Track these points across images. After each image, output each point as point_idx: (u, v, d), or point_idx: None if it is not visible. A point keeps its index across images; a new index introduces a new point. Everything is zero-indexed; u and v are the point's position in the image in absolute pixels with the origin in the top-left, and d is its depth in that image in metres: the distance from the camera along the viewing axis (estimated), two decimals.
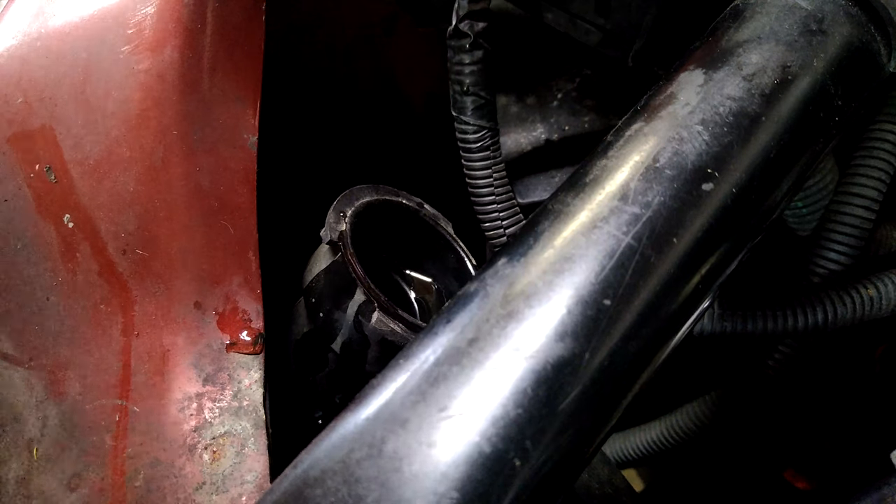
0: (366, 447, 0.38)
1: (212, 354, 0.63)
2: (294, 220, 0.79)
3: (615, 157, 0.47)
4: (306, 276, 0.73)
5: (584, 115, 1.07)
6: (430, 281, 0.83)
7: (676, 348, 0.47)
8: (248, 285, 0.66)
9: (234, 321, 0.65)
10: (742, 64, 0.51)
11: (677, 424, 0.97)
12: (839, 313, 0.69)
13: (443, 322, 0.42)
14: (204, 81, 0.65)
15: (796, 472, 1.06)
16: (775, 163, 0.49)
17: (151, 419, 0.60)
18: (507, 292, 0.41)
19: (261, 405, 0.63)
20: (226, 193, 0.66)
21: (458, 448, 0.36)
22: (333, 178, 0.85)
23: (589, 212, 0.44)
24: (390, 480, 0.36)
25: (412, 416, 0.38)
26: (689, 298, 0.45)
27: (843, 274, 0.72)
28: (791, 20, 0.53)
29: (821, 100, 0.51)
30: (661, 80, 0.54)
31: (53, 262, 0.61)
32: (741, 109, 0.48)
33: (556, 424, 0.38)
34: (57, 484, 0.57)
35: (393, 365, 0.42)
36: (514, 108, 1.10)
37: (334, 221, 0.70)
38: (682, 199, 0.44)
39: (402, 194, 0.80)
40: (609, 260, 0.42)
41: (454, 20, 0.70)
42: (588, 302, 0.41)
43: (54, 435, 0.58)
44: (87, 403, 0.59)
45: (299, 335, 0.72)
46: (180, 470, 0.59)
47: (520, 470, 0.37)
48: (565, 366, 0.39)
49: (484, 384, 0.38)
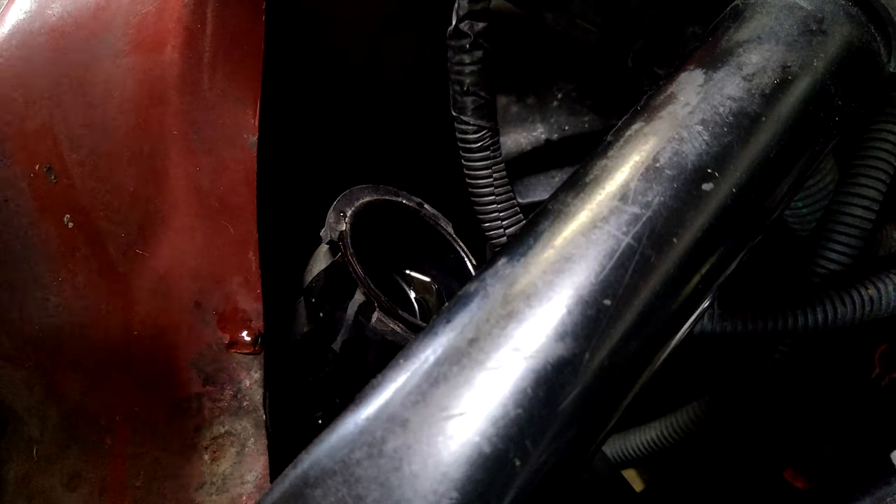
0: (366, 447, 0.38)
1: (212, 354, 0.63)
2: (294, 220, 0.79)
3: (615, 157, 0.47)
4: (306, 276, 0.73)
5: (584, 115, 1.06)
6: (430, 281, 0.83)
7: (676, 348, 0.47)
8: (248, 285, 0.66)
9: (234, 321, 0.65)
10: (742, 64, 0.51)
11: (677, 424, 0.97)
12: (839, 313, 0.69)
13: (443, 322, 0.42)
14: (204, 81, 0.65)
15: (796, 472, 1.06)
16: (775, 163, 0.49)
17: (151, 419, 0.60)
18: (507, 292, 0.41)
19: (261, 405, 0.63)
20: (226, 193, 0.66)
21: (459, 448, 0.36)
22: (333, 178, 0.85)
23: (589, 212, 0.44)
24: (390, 480, 0.36)
25: (412, 416, 0.38)
26: (690, 298, 0.45)
27: (843, 274, 0.72)
28: (791, 20, 0.53)
29: (821, 100, 0.51)
30: (661, 80, 0.54)
31: (53, 263, 0.61)
32: (741, 109, 0.48)
33: (557, 424, 0.38)
34: (57, 484, 0.57)
35: (393, 365, 0.42)
36: (514, 108, 1.10)
37: (334, 221, 0.70)
38: (682, 199, 0.44)
39: (402, 194, 0.80)
40: (609, 260, 0.42)
41: (454, 20, 0.70)
42: (588, 302, 0.41)
43: (54, 435, 0.58)
44: (88, 403, 0.59)
45: (299, 335, 0.72)
46: (180, 470, 0.59)
47: (520, 470, 0.37)
48: (565, 366, 0.39)
49: (484, 384, 0.38)
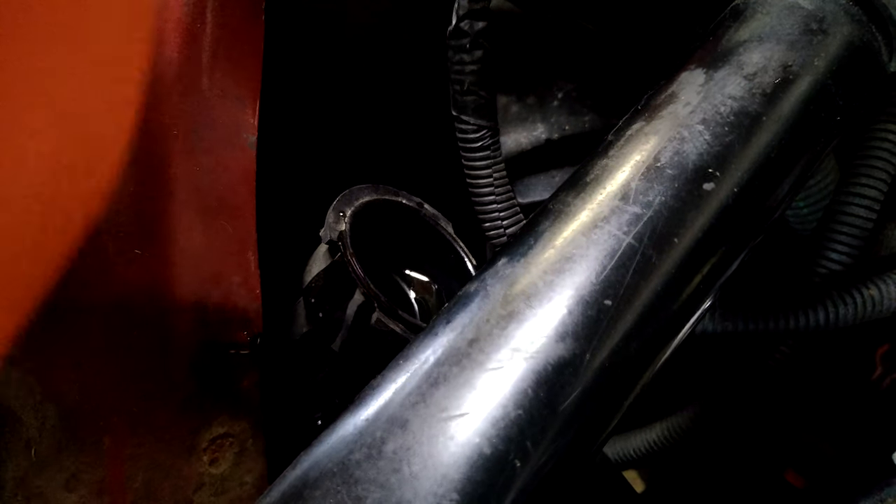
0: (365, 448, 0.37)
1: (211, 355, 0.63)
2: (294, 220, 0.79)
3: (616, 157, 0.47)
4: (306, 276, 0.73)
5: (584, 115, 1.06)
6: (430, 281, 0.83)
7: (677, 348, 0.46)
8: (247, 285, 0.66)
9: (234, 321, 0.65)
10: (743, 63, 0.50)
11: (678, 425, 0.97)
12: (840, 313, 0.69)
13: (443, 322, 0.42)
14: (204, 81, 0.65)
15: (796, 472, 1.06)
16: (776, 162, 0.48)
17: (150, 420, 0.60)
18: (507, 292, 0.41)
19: (259, 406, 0.63)
20: (225, 193, 0.66)
21: (459, 449, 0.36)
22: (333, 178, 0.84)
23: (590, 211, 0.44)
24: (390, 482, 0.36)
25: (412, 417, 0.38)
26: (691, 298, 0.45)
27: (844, 274, 0.72)
28: (792, 20, 0.53)
29: (822, 99, 0.51)
30: (661, 80, 0.54)
31: None
32: (742, 109, 0.48)
33: (557, 425, 0.38)
34: (56, 485, 0.57)
35: (393, 366, 0.42)
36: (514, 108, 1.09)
37: (334, 221, 0.70)
38: (683, 199, 0.44)
39: (402, 194, 0.80)
40: (610, 260, 0.42)
41: (454, 20, 0.70)
42: (589, 302, 0.40)
43: (53, 435, 0.58)
44: (87, 404, 0.59)
45: (299, 335, 0.72)
46: (179, 471, 0.59)
47: (520, 471, 0.37)
48: (566, 366, 0.39)
49: (484, 385, 0.38)
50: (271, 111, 0.73)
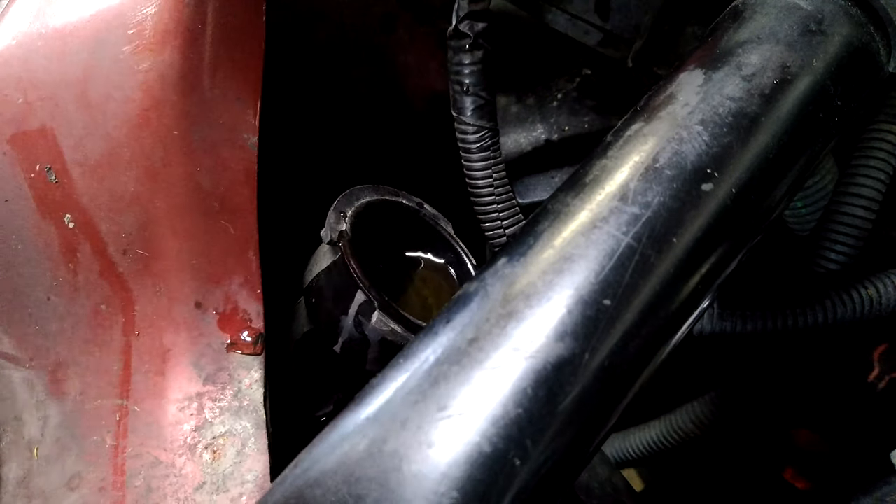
0: (366, 447, 0.38)
1: (212, 354, 0.63)
2: (294, 220, 0.79)
3: (615, 158, 0.47)
4: (307, 276, 0.73)
5: (584, 115, 1.07)
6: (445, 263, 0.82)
7: (676, 348, 0.47)
8: (248, 285, 0.66)
9: (235, 321, 0.65)
10: (742, 64, 0.51)
11: (677, 424, 0.97)
12: (839, 313, 0.70)
13: (443, 322, 0.42)
14: (204, 82, 0.65)
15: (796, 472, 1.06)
16: (775, 163, 0.49)
17: (152, 419, 0.60)
18: (507, 292, 0.41)
19: (261, 405, 0.63)
20: (226, 193, 0.66)
21: (458, 448, 0.36)
22: (333, 178, 0.85)
23: (589, 212, 0.44)
24: (390, 480, 0.36)
25: (412, 415, 0.38)
26: (689, 298, 0.45)
27: (842, 274, 0.72)
28: (791, 20, 0.53)
29: (820, 100, 0.51)
30: (661, 80, 0.54)
31: (54, 262, 0.61)
32: (741, 110, 0.48)
33: (557, 424, 0.38)
34: (57, 484, 0.57)
35: (393, 364, 0.42)
36: (514, 108, 1.10)
37: (334, 221, 0.70)
38: (681, 200, 0.44)
39: (402, 194, 0.80)
40: (609, 260, 0.42)
41: (454, 20, 0.70)
42: (588, 302, 0.41)
43: (55, 435, 0.58)
44: (88, 403, 0.60)
45: (300, 335, 0.72)
46: (180, 470, 0.59)
47: (520, 470, 0.37)
48: (565, 365, 0.39)
49: (484, 384, 0.38)
50: (272, 112, 0.73)
